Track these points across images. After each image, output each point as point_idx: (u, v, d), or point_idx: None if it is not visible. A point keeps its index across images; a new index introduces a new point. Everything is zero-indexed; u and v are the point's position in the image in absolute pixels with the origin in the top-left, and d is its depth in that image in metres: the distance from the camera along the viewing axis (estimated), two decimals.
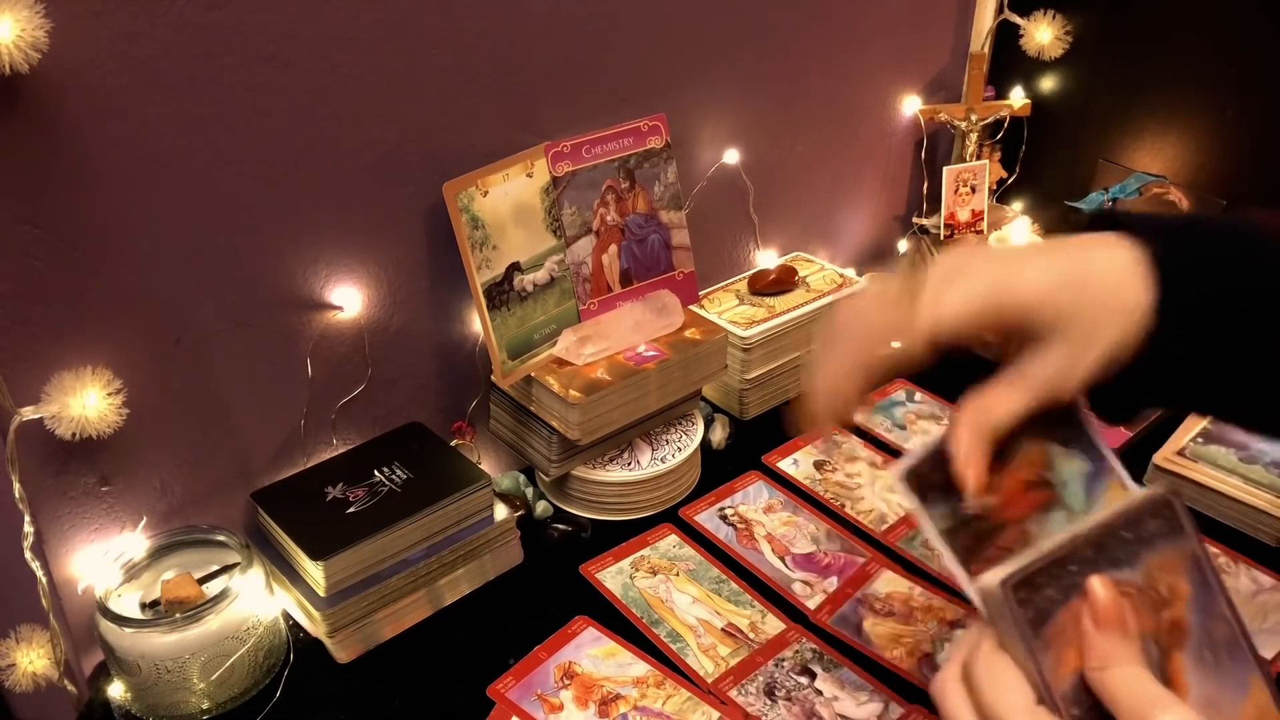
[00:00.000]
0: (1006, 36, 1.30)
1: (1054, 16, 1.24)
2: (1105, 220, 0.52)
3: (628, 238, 1.01)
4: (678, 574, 0.92)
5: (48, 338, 0.75)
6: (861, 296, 0.55)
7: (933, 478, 0.47)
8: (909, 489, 0.47)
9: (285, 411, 0.91)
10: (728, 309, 1.14)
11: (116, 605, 0.77)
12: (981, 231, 1.31)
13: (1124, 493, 0.49)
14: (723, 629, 0.86)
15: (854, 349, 0.54)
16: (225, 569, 0.82)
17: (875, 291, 0.55)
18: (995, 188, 1.36)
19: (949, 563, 0.45)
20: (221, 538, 0.83)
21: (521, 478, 1.00)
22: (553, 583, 0.91)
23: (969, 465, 0.49)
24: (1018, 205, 1.38)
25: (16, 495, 0.72)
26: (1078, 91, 1.28)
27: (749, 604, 0.88)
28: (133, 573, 0.81)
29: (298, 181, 0.84)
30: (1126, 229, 0.50)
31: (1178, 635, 0.42)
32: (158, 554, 0.83)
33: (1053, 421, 0.49)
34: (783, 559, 0.93)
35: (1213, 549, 0.85)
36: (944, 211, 1.31)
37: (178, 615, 0.76)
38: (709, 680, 0.81)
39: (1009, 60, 1.32)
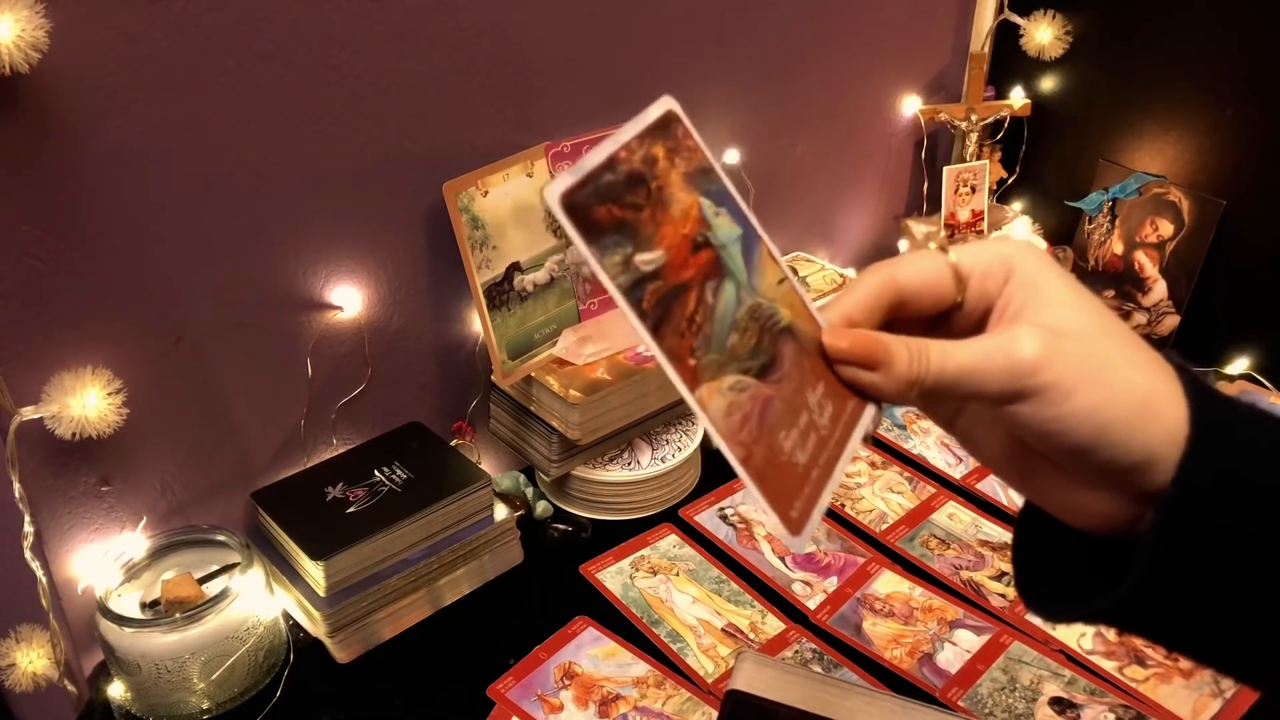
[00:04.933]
0: (1006, 36, 1.30)
1: (1054, 16, 1.24)
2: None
3: None
4: (678, 574, 0.92)
5: (48, 338, 0.75)
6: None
7: (598, 212, 0.37)
8: (573, 223, 0.36)
9: (285, 411, 0.91)
10: None
11: (116, 605, 0.77)
12: (981, 232, 1.31)
13: (774, 264, 0.43)
14: (723, 629, 0.86)
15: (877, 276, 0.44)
16: (225, 569, 0.82)
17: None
18: (995, 188, 1.36)
19: (638, 328, 0.37)
20: (221, 538, 0.83)
21: (521, 478, 1.00)
22: (553, 583, 0.91)
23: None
24: (1018, 205, 1.38)
25: (16, 495, 0.72)
26: (1078, 91, 1.28)
27: (749, 604, 0.88)
28: (133, 573, 0.81)
29: (298, 181, 0.84)
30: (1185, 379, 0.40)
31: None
32: (158, 554, 0.83)
33: (701, 175, 0.42)
34: (783, 559, 0.93)
35: None
36: (944, 211, 1.31)
37: (178, 615, 0.76)
38: (709, 680, 0.81)
39: (1009, 60, 1.32)
